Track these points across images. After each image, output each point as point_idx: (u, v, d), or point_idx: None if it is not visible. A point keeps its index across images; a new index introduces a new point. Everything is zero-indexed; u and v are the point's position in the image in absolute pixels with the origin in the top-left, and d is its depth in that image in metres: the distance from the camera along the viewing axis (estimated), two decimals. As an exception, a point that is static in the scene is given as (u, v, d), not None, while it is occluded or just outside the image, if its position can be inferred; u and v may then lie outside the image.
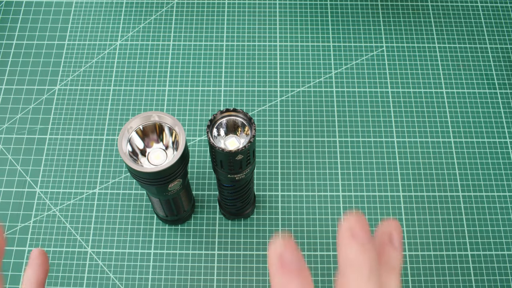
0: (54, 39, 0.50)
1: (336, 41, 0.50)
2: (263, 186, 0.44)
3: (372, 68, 0.49)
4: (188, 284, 0.40)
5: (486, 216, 0.43)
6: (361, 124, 0.46)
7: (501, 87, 0.48)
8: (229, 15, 0.51)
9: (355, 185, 0.44)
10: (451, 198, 0.43)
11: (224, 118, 0.32)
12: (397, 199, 0.43)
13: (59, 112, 0.47)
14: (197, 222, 0.42)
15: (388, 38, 0.50)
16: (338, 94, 0.47)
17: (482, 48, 0.50)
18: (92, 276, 0.40)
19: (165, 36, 0.50)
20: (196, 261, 0.41)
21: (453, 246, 0.42)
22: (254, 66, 0.49)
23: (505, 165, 0.45)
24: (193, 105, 0.47)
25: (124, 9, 0.52)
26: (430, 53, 0.50)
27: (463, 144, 0.46)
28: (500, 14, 0.52)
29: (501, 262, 0.41)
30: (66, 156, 0.45)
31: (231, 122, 0.32)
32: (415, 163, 0.45)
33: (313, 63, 0.49)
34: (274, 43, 0.50)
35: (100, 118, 0.46)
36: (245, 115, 0.32)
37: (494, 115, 0.47)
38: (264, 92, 0.47)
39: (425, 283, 0.40)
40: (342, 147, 0.45)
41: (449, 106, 0.47)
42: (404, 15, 0.51)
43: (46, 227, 0.42)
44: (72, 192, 0.43)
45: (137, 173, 0.31)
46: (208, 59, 0.49)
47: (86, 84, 0.48)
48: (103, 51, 0.49)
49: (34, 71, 0.48)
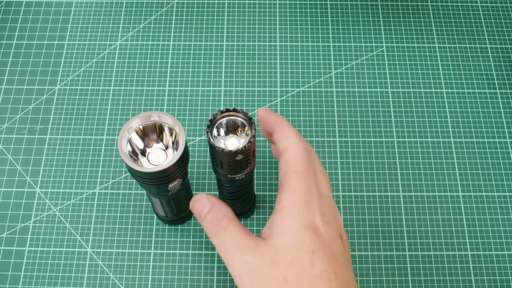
0: (54, 39, 0.50)
1: (336, 41, 0.50)
2: (263, 186, 0.44)
3: (372, 68, 0.49)
4: (188, 284, 0.40)
5: (486, 216, 0.43)
6: (361, 124, 0.46)
7: (501, 87, 0.48)
8: (229, 15, 0.51)
9: (355, 185, 0.44)
10: (451, 198, 0.43)
11: (224, 118, 0.32)
12: (397, 199, 0.43)
13: (59, 112, 0.47)
14: (197, 222, 0.42)
15: (388, 38, 0.50)
16: (338, 94, 0.47)
17: (482, 48, 0.50)
18: (92, 276, 0.40)
19: (165, 36, 0.50)
20: (196, 261, 0.41)
21: (453, 246, 0.42)
22: (254, 66, 0.49)
23: (505, 165, 0.45)
24: (193, 105, 0.47)
25: (124, 9, 0.52)
26: (430, 53, 0.50)
27: (463, 144, 0.46)
28: (500, 14, 0.52)
29: (501, 262, 0.41)
30: (66, 156, 0.45)
31: (231, 122, 0.32)
32: (415, 163, 0.45)
33: (313, 63, 0.49)
34: (274, 43, 0.50)
35: (100, 118, 0.46)
36: (245, 115, 0.32)
37: (494, 115, 0.47)
38: (264, 92, 0.47)
39: (425, 283, 0.40)
40: (342, 147, 0.45)
41: (449, 106, 0.47)
42: (404, 15, 0.51)
43: (46, 227, 0.42)
44: (72, 192, 0.43)
45: (137, 173, 0.31)
46: (208, 59, 0.49)
47: (86, 84, 0.48)
48: (103, 51, 0.49)
49: (34, 71, 0.48)
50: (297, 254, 0.27)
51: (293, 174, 0.30)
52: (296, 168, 0.30)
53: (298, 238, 0.28)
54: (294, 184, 0.29)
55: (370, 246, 0.42)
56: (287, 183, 0.30)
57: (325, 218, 0.29)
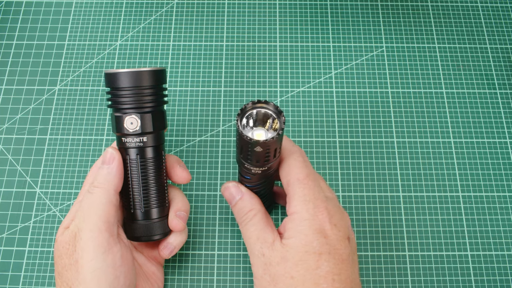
0: (54, 39, 0.50)
1: (336, 41, 0.50)
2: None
3: (372, 68, 0.49)
4: (188, 284, 0.40)
5: (486, 216, 0.43)
6: (361, 124, 0.46)
7: (501, 87, 0.48)
8: (229, 15, 0.51)
9: (355, 185, 0.44)
10: (451, 198, 0.43)
11: (255, 109, 0.32)
12: (397, 199, 0.43)
13: (59, 112, 0.47)
14: (197, 223, 0.42)
15: (388, 38, 0.50)
16: (338, 94, 0.47)
17: (482, 48, 0.50)
18: (92, 276, 0.40)
19: (165, 36, 0.50)
20: (196, 261, 0.41)
21: (453, 246, 0.42)
22: (254, 66, 0.49)
23: (505, 165, 0.45)
24: (193, 105, 0.47)
25: (124, 9, 0.52)
26: (430, 53, 0.50)
27: (463, 144, 0.46)
28: (500, 14, 0.52)
29: (501, 262, 0.41)
30: (66, 156, 0.45)
31: (261, 114, 0.32)
32: (415, 163, 0.45)
33: (313, 63, 0.49)
34: (274, 43, 0.50)
35: (100, 118, 0.46)
36: (275, 108, 0.31)
37: (494, 115, 0.47)
38: (264, 92, 0.47)
39: (425, 283, 0.40)
40: (342, 147, 0.45)
41: (449, 106, 0.47)
42: (404, 15, 0.51)
43: (46, 227, 0.42)
44: (72, 192, 0.43)
45: None
46: (208, 59, 0.49)
47: (86, 84, 0.48)
48: (103, 51, 0.49)
49: (34, 71, 0.48)
50: (305, 255, 0.30)
51: (296, 182, 0.32)
52: (298, 176, 0.32)
53: (306, 241, 0.30)
54: (300, 192, 0.32)
55: (370, 246, 0.42)
56: (292, 191, 0.32)
57: (333, 220, 0.31)
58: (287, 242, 0.31)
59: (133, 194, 0.34)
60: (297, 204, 0.31)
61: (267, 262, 0.31)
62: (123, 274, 0.31)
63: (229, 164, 0.44)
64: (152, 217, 0.35)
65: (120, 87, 0.33)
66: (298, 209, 0.31)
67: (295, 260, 0.30)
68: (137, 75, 0.33)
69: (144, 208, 0.34)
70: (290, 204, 0.32)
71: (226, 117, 0.46)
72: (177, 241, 0.36)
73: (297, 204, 0.31)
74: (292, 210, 0.32)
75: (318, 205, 0.31)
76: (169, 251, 0.36)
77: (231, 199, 0.35)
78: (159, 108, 0.35)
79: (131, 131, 0.34)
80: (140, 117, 0.34)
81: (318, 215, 0.31)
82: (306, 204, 0.31)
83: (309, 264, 0.29)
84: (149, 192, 0.34)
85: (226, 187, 0.36)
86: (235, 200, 0.35)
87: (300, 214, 0.31)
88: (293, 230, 0.31)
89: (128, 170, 0.34)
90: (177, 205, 0.36)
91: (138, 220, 0.34)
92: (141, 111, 0.34)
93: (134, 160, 0.34)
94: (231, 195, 0.35)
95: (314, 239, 0.30)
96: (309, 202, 0.31)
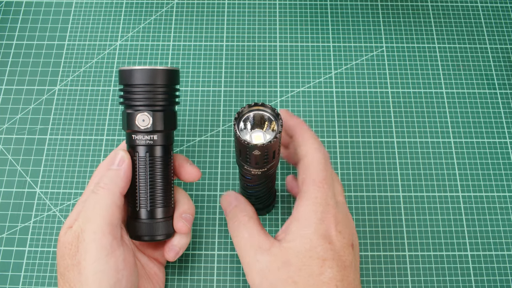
0: (54, 39, 0.50)
1: (336, 41, 0.50)
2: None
3: (372, 68, 0.49)
4: (188, 284, 0.40)
5: (486, 216, 0.43)
6: (361, 124, 0.46)
7: (501, 87, 0.48)
8: (229, 15, 0.51)
9: (355, 185, 0.44)
10: (451, 198, 0.43)
11: (252, 112, 0.32)
12: (397, 199, 0.43)
13: (59, 112, 0.47)
14: (197, 223, 0.42)
15: (388, 38, 0.50)
16: (338, 94, 0.47)
17: (482, 48, 0.50)
18: (92, 276, 0.40)
19: (165, 36, 0.50)
20: (196, 261, 0.41)
21: (453, 246, 0.42)
22: (254, 66, 0.49)
23: (505, 165, 0.45)
24: (193, 105, 0.47)
25: (124, 9, 0.52)
26: (430, 53, 0.50)
27: (463, 144, 0.46)
28: (500, 14, 0.52)
29: (501, 262, 0.41)
30: (66, 156, 0.45)
31: (258, 117, 0.32)
32: (415, 163, 0.45)
33: (313, 63, 0.49)
34: (274, 43, 0.50)
35: (100, 118, 0.46)
36: (272, 110, 0.31)
37: (494, 115, 0.47)
38: (264, 92, 0.47)
39: (425, 283, 0.40)
40: (342, 147, 0.45)
41: (449, 106, 0.47)
42: (404, 15, 0.51)
43: (46, 227, 0.42)
44: (72, 192, 0.43)
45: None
46: (208, 59, 0.49)
47: (86, 84, 0.48)
48: (103, 51, 0.49)
49: (34, 71, 0.48)
50: (308, 260, 0.29)
51: (311, 183, 0.32)
52: (315, 177, 0.32)
53: (311, 246, 0.30)
54: (312, 194, 0.31)
55: (370, 246, 0.42)
56: (305, 191, 0.32)
57: (339, 227, 0.31)
58: (289, 246, 0.30)
59: (139, 192, 0.34)
60: (307, 204, 0.31)
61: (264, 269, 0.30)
62: (125, 277, 0.31)
63: (229, 164, 0.44)
64: (157, 217, 0.35)
65: (134, 83, 0.33)
66: (306, 210, 0.31)
67: (298, 265, 0.29)
68: (152, 73, 0.33)
69: (149, 207, 0.34)
70: (300, 202, 0.32)
71: (226, 117, 0.46)
72: (181, 243, 0.36)
73: (307, 204, 0.31)
74: (299, 211, 0.31)
75: (327, 211, 0.31)
76: (174, 253, 0.36)
77: (228, 206, 0.36)
78: (171, 108, 0.35)
79: (143, 128, 0.34)
80: (152, 115, 0.34)
81: (325, 220, 0.30)
82: (316, 207, 0.31)
83: (312, 270, 0.29)
84: (156, 190, 0.34)
85: (227, 195, 0.36)
86: (231, 206, 0.35)
87: (307, 214, 0.31)
88: (296, 233, 0.30)
89: (136, 167, 0.34)
90: (183, 207, 0.36)
91: (142, 219, 0.34)
92: (153, 109, 0.34)
93: (143, 157, 0.34)
94: (229, 202, 0.36)
95: (319, 244, 0.30)
96: (319, 205, 0.31)
